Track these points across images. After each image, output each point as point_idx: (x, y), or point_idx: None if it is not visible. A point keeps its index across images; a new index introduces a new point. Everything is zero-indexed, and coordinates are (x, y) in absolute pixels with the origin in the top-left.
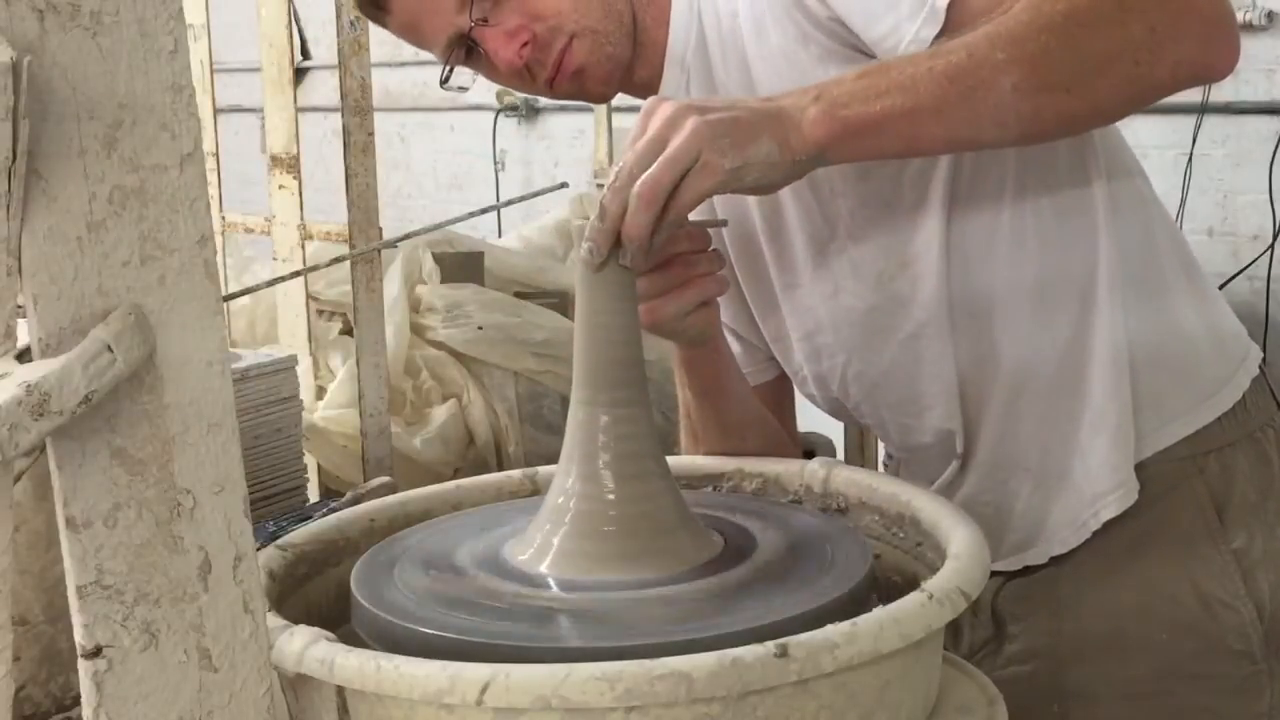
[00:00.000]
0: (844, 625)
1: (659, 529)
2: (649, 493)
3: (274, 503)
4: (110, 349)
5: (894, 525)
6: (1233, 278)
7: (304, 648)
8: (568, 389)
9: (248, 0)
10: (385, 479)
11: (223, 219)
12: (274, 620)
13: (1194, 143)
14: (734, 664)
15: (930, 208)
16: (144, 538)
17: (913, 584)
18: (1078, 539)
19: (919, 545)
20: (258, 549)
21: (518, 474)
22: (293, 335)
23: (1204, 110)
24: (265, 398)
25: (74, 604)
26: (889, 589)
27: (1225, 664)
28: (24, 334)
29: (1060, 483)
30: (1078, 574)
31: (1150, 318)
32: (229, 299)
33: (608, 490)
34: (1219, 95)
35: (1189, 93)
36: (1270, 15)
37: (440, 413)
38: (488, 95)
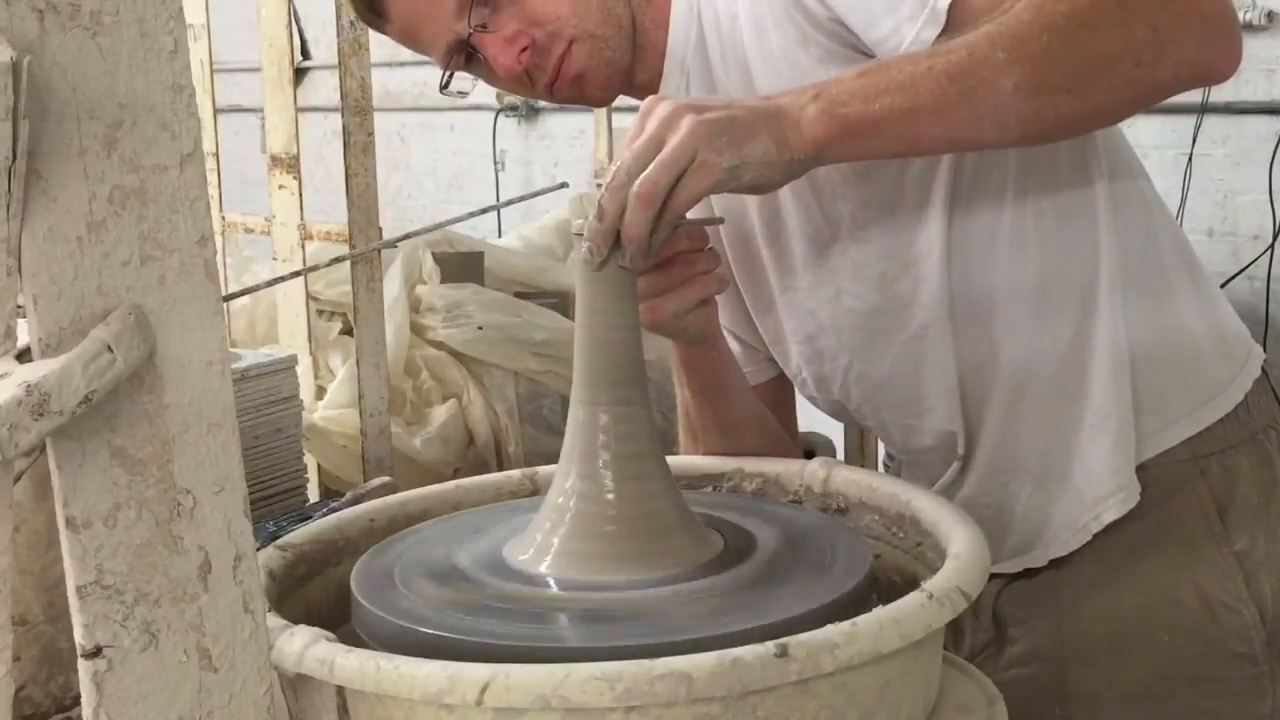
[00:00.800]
0: (844, 625)
1: (659, 529)
2: (649, 493)
3: (274, 503)
4: (110, 349)
5: (894, 525)
6: (1233, 278)
7: (304, 648)
8: (568, 389)
9: (248, 0)
10: (385, 479)
11: (223, 219)
12: (274, 620)
13: (1194, 143)
14: (734, 664)
15: (932, 209)
16: (144, 538)
17: (913, 584)
18: (1078, 541)
19: (919, 545)
20: (258, 549)
21: (518, 474)
22: (293, 335)
23: (1204, 110)
24: (265, 398)
25: (74, 604)
26: (889, 589)
27: (1228, 666)
28: (24, 334)
29: (1061, 485)
30: (1079, 576)
31: (1152, 319)
32: (229, 299)
33: (608, 490)
34: (1219, 95)
35: (1189, 93)
36: (1270, 15)
37: (440, 413)
38: (488, 95)
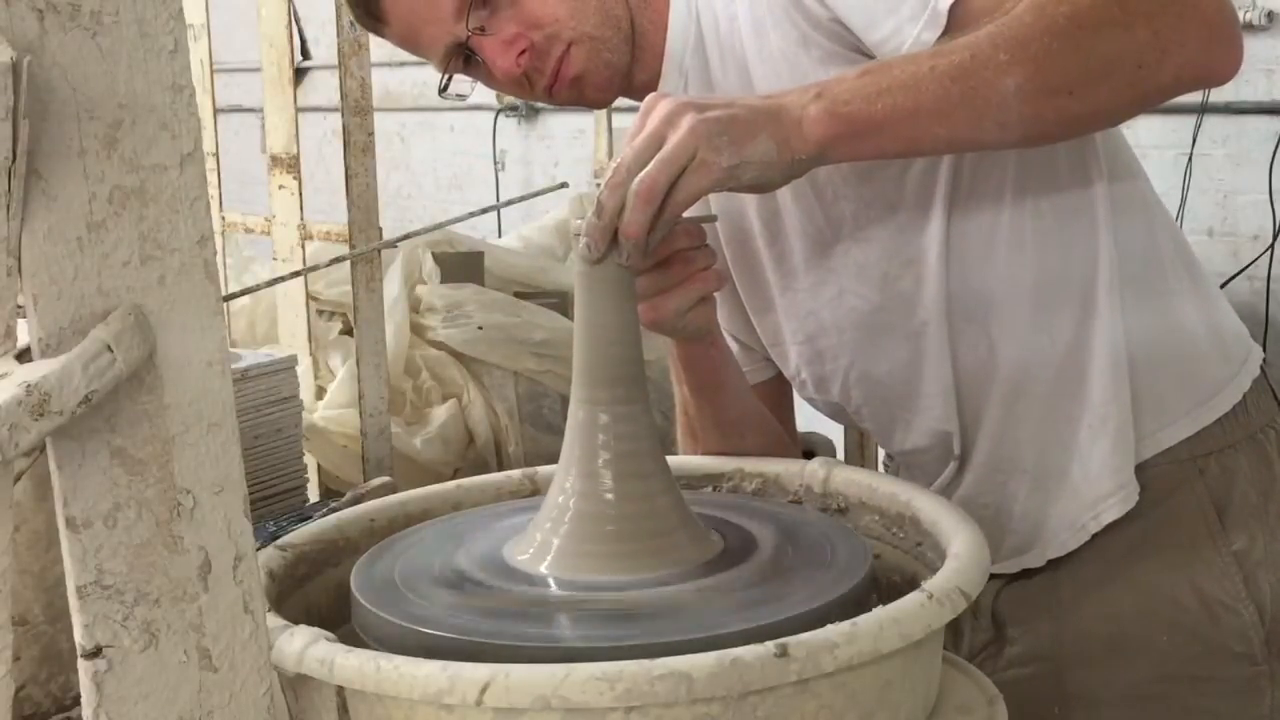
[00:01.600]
0: (844, 625)
1: (659, 529)
2: (649, 493)
3: (274, 503)
4: (110, 349)
5: (894, 525)
6: (1233, 278)
7: (304, 648)
8: (568, 389)
9: (248, 0)
10: (385, 479)
11: (223, 219)
12: (274, 620)
13: (1194, 143)
14: (734, 664)
15: (933, 208)
16: (144, 538)
17: (913, 584)
18: (1077, 541)
19: (919, 545)
20: (258, 549)
21: (518, 474)
22: (293, 335)
23: (1204, 110)
24: (265, 398)
25: (74, 604)
26: (889, 589)
27: (1226, 666)
28: (24, 334)
29: (1059, 485)
30: (1078, 577)
31: (1151, 319)
32: (229, 299)
33: (607, 490)
34: (1219, 95)
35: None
36: (1270, 15)
37: (440, 413)
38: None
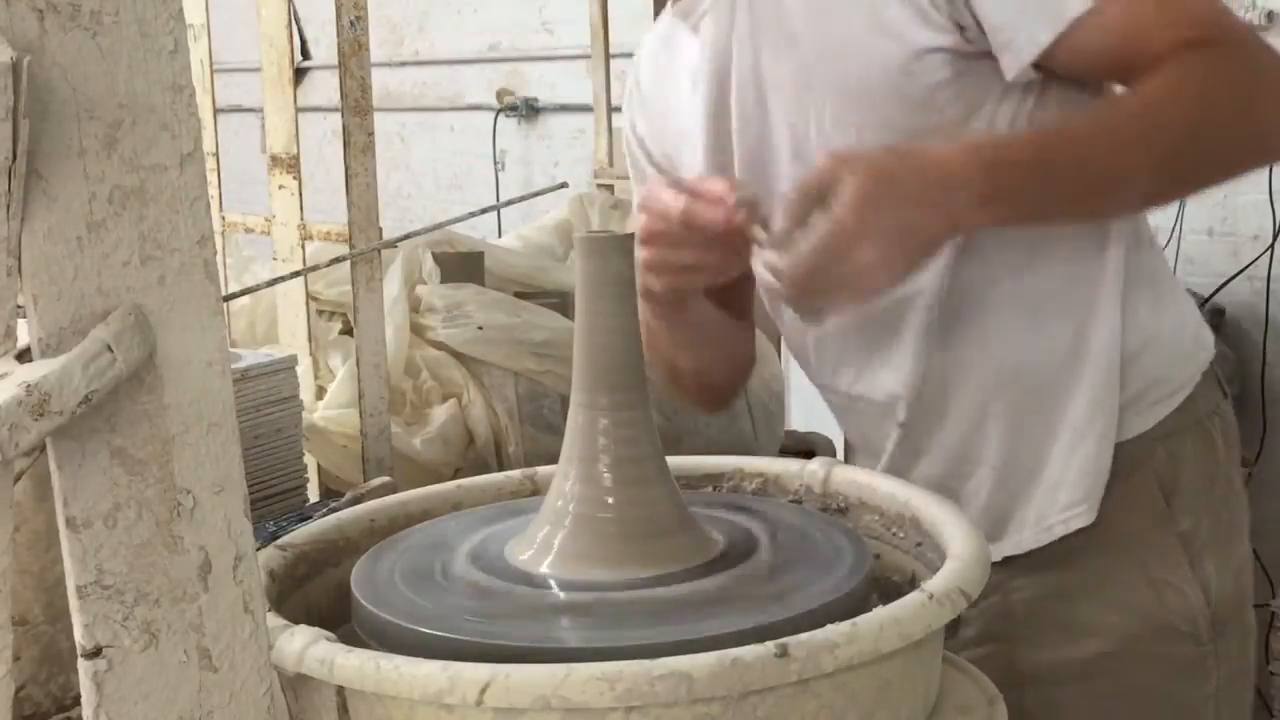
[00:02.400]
0: (844, 625)
1: (659, 530)
2: (649, 494)
3: (274, 503)
4: (110, 349)
5: (894, 525)
6: (1233, 278)
7: (304, 648)
8: (568, 389)
9: (248, 0)
10: (385, 479)
11: (223, 219)
12: (274, 620)
13: None
14: (734, 664)
15: None
16: (144, 538)
17: (913, 584)
18: (1037, 542)
19: (919, 545)
20: (258, 549)
21: (518, 474)
22: (293, 335)
23: None
24: (265, 398)
25: (74, 604)
26: (889, 589)
27: (1174, 646)
28: (24, 334)
29: (1027, 486)
30: (1030, 559)
31: (1145, 325)
32: (229, 299)
33: (607, 493)
34: None
35: None
36: (1270, 15)
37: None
38: (487, 95)
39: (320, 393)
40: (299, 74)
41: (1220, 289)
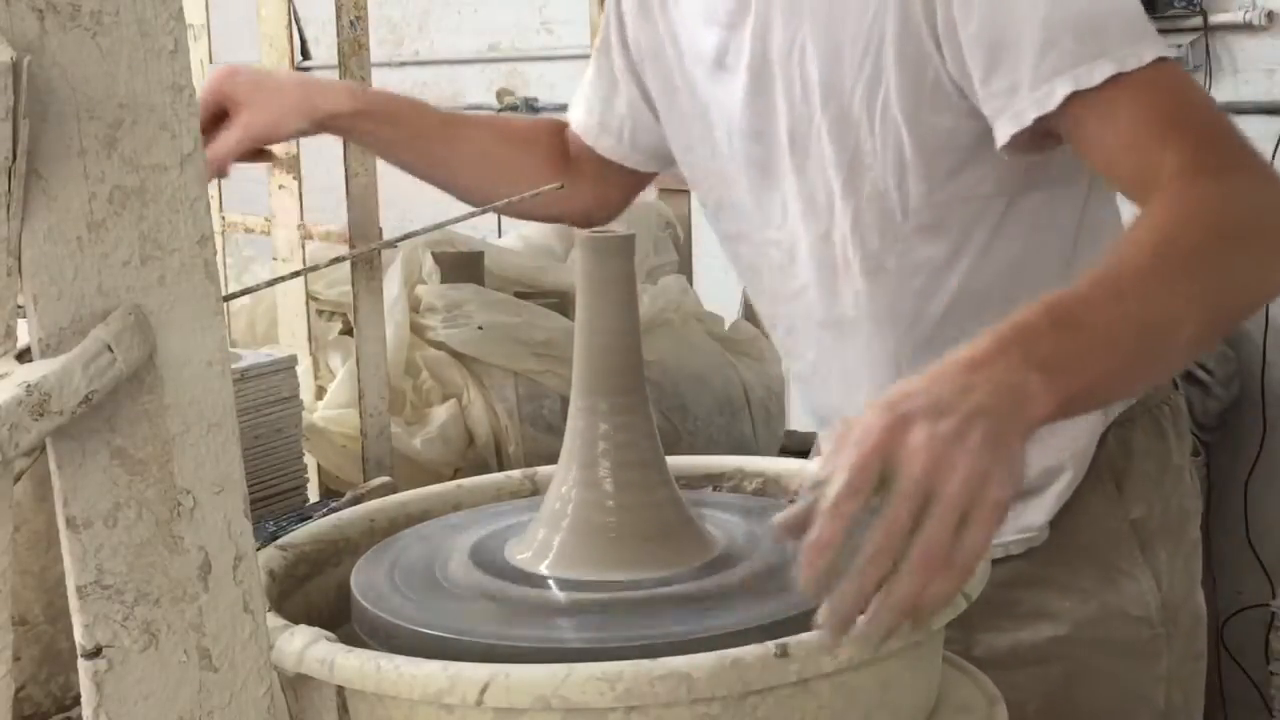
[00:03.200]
0: None
1: (659, 530)
2: (649, 494)
3: (274, 503)
4: (110, 349)
5: None
6: None
7: (304, 648)
8: (568, 389)
9: (248, 0)
10: (385, 479)
11: (223, 219)
12: (274, 620)
13: None
14: (734, 664)
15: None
16: (144, 538)
17: None
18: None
19: None
20: (258, 549)
21: (518, 474)
22: (293, 335)
23: None
24: (265, 398)
25: (74, 604)
26: None
27: (1126, 630)
28: (24, 334)
29: None
30: None
31: None
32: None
33: (607, 490)
34: (1219, 95)
35: None
36: (1270, 15)
37: (440, 413)
38: (487, 95)
39: (320, 393)
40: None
41: None
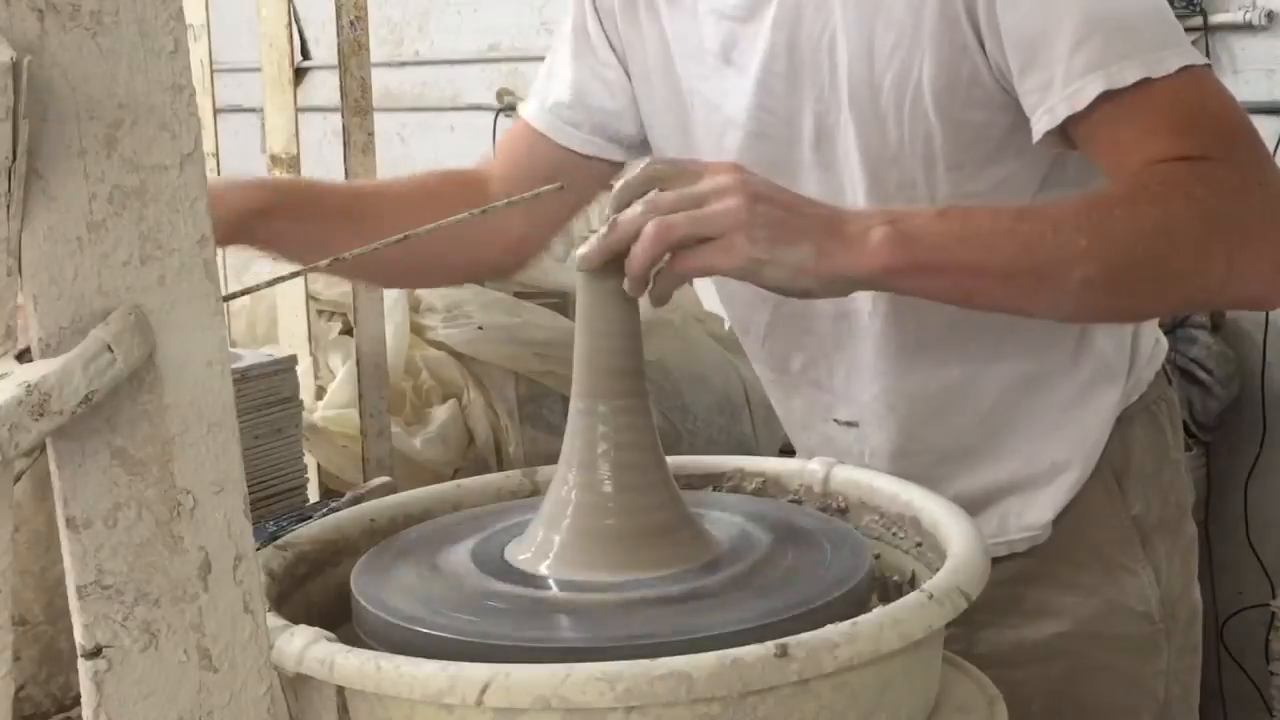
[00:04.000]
0: (844, 625)
1: (659, 530)
2: (649, 495)
3: (274, 503)
4: (110, 349)
5: (894, 525)
6: None
7: (304, 648)
8: (568, 389)
9: (248, 0)
10: (385, 479)
11: None
12: (274, 620)
13: None
14: (734, 664)
15: None
16: (144, 538)
17: (913, 584)
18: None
19: (919, 545)
20: (258, 549)
21: (518, 474)
22: (293, 335)
23: None
24: (265, 398)
25: (74, 604)
26: (889, 589)
27: (1128, 625)
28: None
29: (981, 512)
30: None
31: (1129, 345)
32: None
33: (607, 490)
34: None
35: None
36: (1270, 15)
37: (440, 413)
38: (488, 95)
39: (320, 393)
40: (299, 74)
41: None
